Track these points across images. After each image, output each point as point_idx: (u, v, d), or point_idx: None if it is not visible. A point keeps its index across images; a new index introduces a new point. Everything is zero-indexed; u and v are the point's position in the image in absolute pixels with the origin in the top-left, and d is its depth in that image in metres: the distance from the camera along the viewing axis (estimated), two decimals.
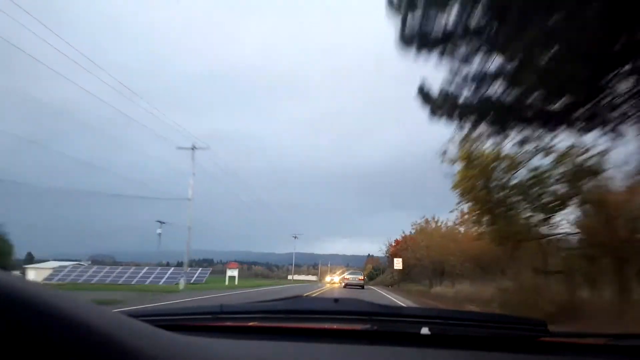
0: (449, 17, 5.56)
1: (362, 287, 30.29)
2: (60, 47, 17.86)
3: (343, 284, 32.31)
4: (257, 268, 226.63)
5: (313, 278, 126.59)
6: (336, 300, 1.46)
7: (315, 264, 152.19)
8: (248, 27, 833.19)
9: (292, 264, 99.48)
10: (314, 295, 10.83)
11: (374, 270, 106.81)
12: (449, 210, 20.07)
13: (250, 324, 1.42)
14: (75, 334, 0.45)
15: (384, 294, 23.13)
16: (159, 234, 28.70)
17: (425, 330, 1.32)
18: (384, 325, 1.36)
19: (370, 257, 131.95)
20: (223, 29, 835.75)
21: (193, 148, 22.62)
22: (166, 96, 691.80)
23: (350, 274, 35.07)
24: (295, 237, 70.63)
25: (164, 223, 28.84)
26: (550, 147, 9.04)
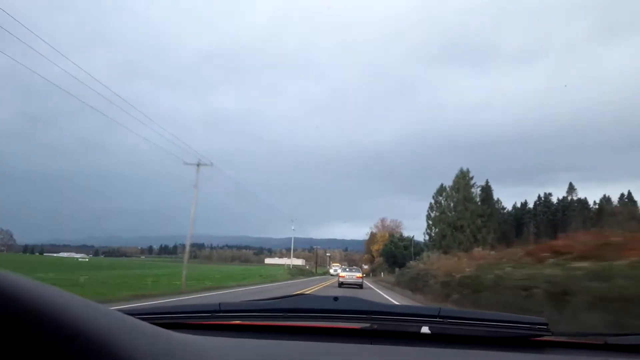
0: None
1: (360, 286, 26.07)
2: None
3: (337, 283, 27.81)
4: (243, 252, 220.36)
5: (298, 262, 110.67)
6: (336, 298, 1.47)
7: (311, 248, 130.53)
8: (253, 2, 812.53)
9: (287, 248, 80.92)
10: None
11: (392, 242, 66.27)
12: None
13: (250, 322, 1.45)
14: (72, 332, 0.45)
15: None
16: None
17: (425, 329, 1.34)
18: (384, 324, 1.38)
19: (374, 234, 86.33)
20: (227, 3, 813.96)
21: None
22: (168, 75, 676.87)
23: (345, 270, 30.11)
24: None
25: None
26: None
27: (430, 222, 52.95)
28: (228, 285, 23.98)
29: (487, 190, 55.91)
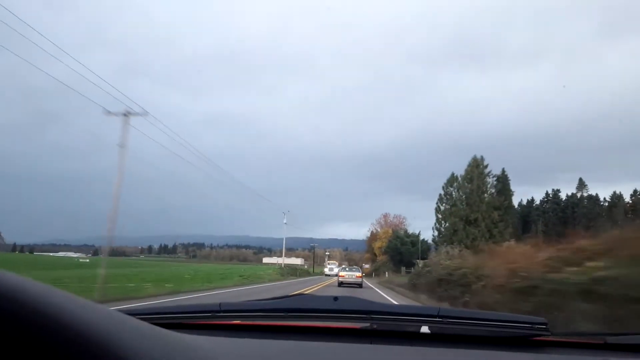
0: None
1: (359, 285, 26.38)
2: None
3: (337, 282, 28.44)
4: (242, 252, 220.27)
5: (297, 261, 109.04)
6: (336, 298, 1.47)
7: (311, 247, 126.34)
8: (255, 3, 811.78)
9: (287, 248, 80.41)
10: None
11: (398, 237, 58.03)
12: None
13: (250, 322, 1.46)
14: (72, 334, 0.44)
15: None
16: None
17: (425, 329, 1.34)
18: (384, 324, 1.39)
19: (375, 232, 77.29)
20: (229, 5, 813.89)
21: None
22: (169, 75, 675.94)
23: (345, 269, 30.27)
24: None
25: None
26: None
27: (440, 216, 45.69)
28: (185, 289, 18.25)
29: (503, 180, 47.44)
